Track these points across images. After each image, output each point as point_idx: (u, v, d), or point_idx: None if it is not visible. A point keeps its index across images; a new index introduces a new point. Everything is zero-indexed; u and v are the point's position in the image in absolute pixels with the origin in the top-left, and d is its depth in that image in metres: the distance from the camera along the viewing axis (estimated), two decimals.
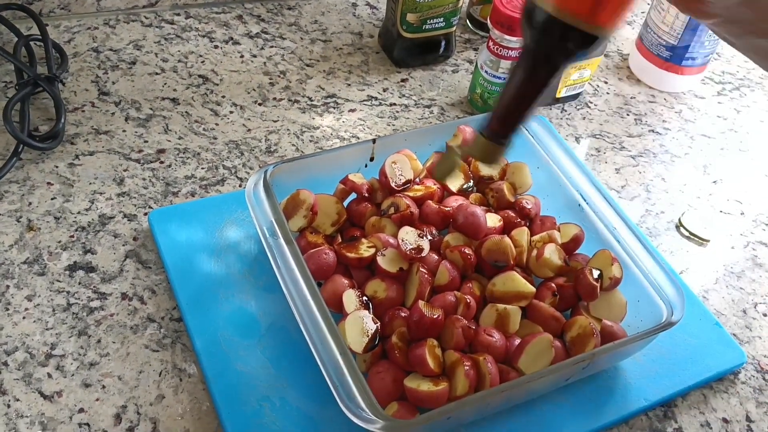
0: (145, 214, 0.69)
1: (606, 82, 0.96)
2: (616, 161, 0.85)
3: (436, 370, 0.57)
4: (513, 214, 0.68)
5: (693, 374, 0.65)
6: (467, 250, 0.63)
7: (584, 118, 0.90)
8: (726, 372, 0.66)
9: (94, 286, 0.64)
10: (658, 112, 0.93)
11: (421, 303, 0.59)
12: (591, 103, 0.92)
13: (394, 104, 0.86)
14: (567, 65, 0.48)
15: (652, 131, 0.90)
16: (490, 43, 0.81)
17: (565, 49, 0.46)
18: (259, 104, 0.82)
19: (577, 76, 0.87)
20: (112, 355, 0.60)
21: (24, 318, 0.61)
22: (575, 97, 0.91)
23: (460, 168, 0.56)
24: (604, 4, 0.44)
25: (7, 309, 0.61)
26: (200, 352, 0.60)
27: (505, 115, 0.50)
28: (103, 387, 0.58)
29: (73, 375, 0.58)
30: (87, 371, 0.58)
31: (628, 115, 0.91)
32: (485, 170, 0.71)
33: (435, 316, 0.58)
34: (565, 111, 0.90)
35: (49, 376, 0.58)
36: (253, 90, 0.84)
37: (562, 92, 0.88)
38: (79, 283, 0.64)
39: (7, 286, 0.62)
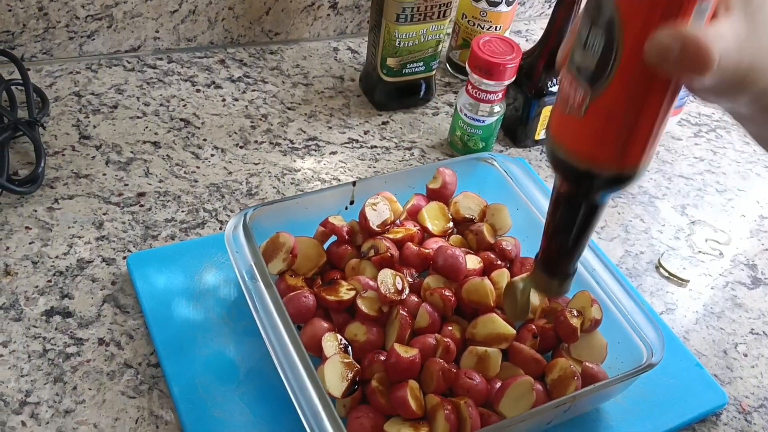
0: (124, 258, 0.69)
1: None
2: None
3: (418, 412, 0.56)
4: (493, 256, 0.68)
5: (675, 416, 0.65)
6: (447, 292, 0.63)
7: None
8: (708, 413, 0.66)
9: (70, 332, 0.63)
10: None
11: (396, 345, 0.58)
12: None
13: (375, 146, 0.87)
14: (605, 204, 0.45)
15: None
16: (469, 87, 0.82)
17: (597, 192, 0.44)
18: (241, 147, 0.83)
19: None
20: (88, 402, 0.59)
21: None
22: None
23: (529, 304, 0.54)
24: (631, 148, 0.41)
25: None
26: (177, 398, 0.59)
27: (556, 255, 0.48)
28: None
29: (47, 423, 0.57)
30: (62, 419, 0.57)
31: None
32: (465, 212, 0.71)
33: (411, 357, 0.57)
34: (545, 153, 0.91)
35: (23, 424, 0.57)
36: (235, 133, 0.84)
37: (541, 134, 0.89)
38: (56, 329, 0.63)
39: None
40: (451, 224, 0.71)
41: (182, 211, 0.74)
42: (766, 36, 0.41)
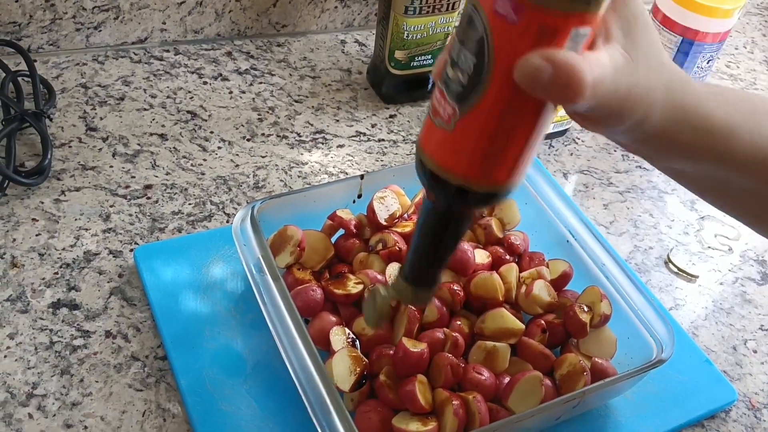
0: (131, 250, 0.69)
1: None
2: (604, 197, 0.85)
3: (426, 407, 0.56)
4: (501, 250, 0.68)
5: (684, 412, 0.64)
6: (456, 287, 0.63)
7: (572, 154, 0.90)
8: (717, 410, 0.66)
9: (77, 324, 0.63)
10: None
11: (404, 339, 0.58)
12: (578, 138, 0.93)
13: (383, 140, 0.86)
14: (472, 218, 0.45)
15: (640, 167, 0.90)
16: None
17: (465, 206, 0.42)
18: (248, 140, 0.82)
19: (564, 112, 0.87)
20: (95, 394, 0.58)
21: (5, 357, 0.60)
22: (562, 133, 0.92)
23: (389, 312, 0.51)
24: (500, 166, 0.39)
25: None
26: (185, 391, 0.59)
27: (420, 266, 0.47)
28: (86, 428, 0.56)
29: (54, 415, 0.57)
30: (69, 411, 0.57)
31: (615, 150, 0.92)
32: None
33: (419, 351, 0.57)
34: (553, 147, 0.91)
35: (30, 416, 0.57)
36: (242, 126, 0.84)
37: (549, 128, 0.89)
38: (63, 321, 0.63)
39: None
40: None
41: (189, 204, 0.74)
42: (645, 69, 0.40)
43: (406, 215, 0.68)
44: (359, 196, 0.69)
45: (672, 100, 0.43)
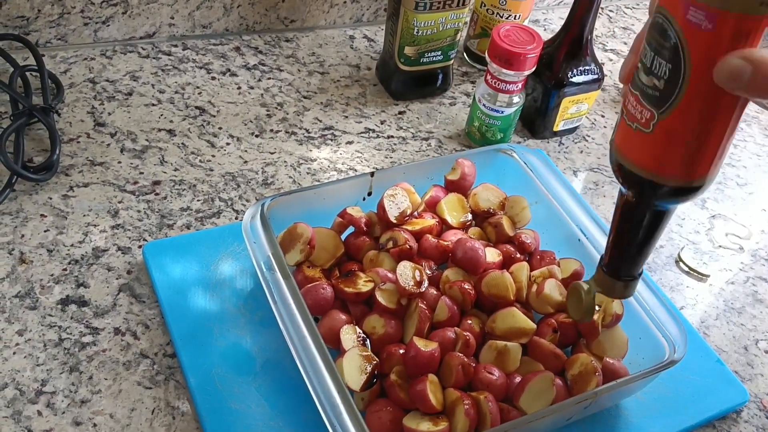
0: (140, 246, 0.68)
1: (603, 116, 0.96)
2: (615, 195, 0.85)
3: (437, 407, 0.55)
4: (512, 249, 0.67)
5: (695, 413, 0.64)
6: (467, 286, 0.62)
7: (582, 152, 0.90)
8: (728, 411, 0.65)
9: (86, 321, 0.62)
10: None
11: (416, 338, 0.58)
12: (588, 136, 0.92)
13: (392, 137, 0.86)
14: (674, 208, 0.47)
15: None
16: (488, 77, 0.81)
17: (667, 201, 0.46)
18: (256, 136, 0.82)
19: (574, 109, 0.87)
20: (104, 392, 0.58)
21: (14, 353, 0.59)
22: (573, 130, 0.91)
23: (594, 305, 0.54)
24: (699, 163, 0.43)
25: None
26: (194, 389, 0.58)
27: (622, 258, 0.50)
28: (95, 425, 0.56)
29: (63, 413, 0.57)
30: (78, 409, 0.57)
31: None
32: (484, 204, 0.70)
33: (430, 351, 0.57)
34: (563, 144, 0.90)
35: (39, 413, 0.56)
36: (250, 122, 0.84)
37: (559, 126, 0.88)
38: (72, 318, 0.62)
39: None
40: (469, 216, 0.70)
41: (198, 200, 0.74)
42: None
43: (416, 213, 0.68)
44: (369, 194, 0.68)
45: None
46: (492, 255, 0.66)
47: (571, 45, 0.83)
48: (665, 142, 0.42)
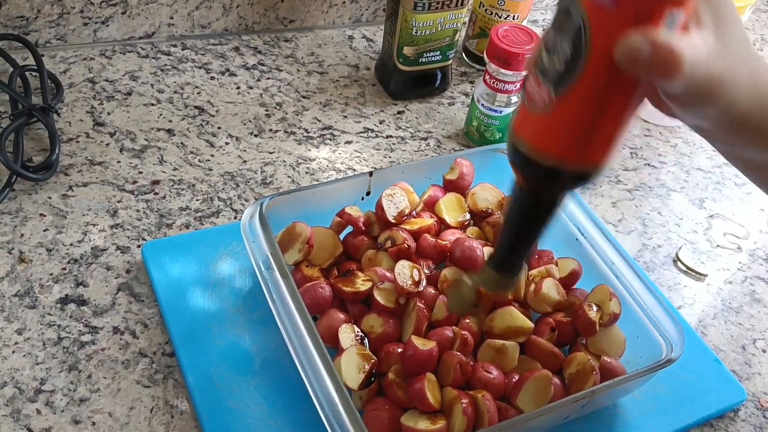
0: (139, 246, 0.69)
1: None
2: (613, 195, 0.85)
3: (435, 406, 0.56)
4: None
5: (693, 412, 0.64)
6: None
7: None
8: (726, 410, 0.66)
9: (85, 320, 0.62)
10: (653, 145, 0.93)
11: (414, 337, 0.58)
12: None
13: (391, 136, 0.86)
14: (564, 200, 0.46)
15: (648, 165, 0.90)
16: (487, 77, 0.81)
17: (558, 189, 0.44)
18: (255, 135, 0.82)
19: None
20: (103, 390, 0.58)
21: (14, 352, 0.59)
22: None
23: (474, 300, 0.54)
24: (595, 147, 0.41)
25: None
26: (193, 388, 0.58)
27: (508, 251, 0.48)
28: (93, 424, 0.56)
29: (62, 411, 0.57)
30: (77, 407, 0.57)
31: (623, 148, 0.92)
32: (482, 204, 0.70)
33: (428, 349, 0.57)
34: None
35: (38, 412, 0.56)
36: (249, 121, 0.84)
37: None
38: (71, 317, 0.62)
39: None
40: (468, 216, 0.70)
41: (197, 200, 0.74)
42: (735, 53, 0.43)
43: (414, 213, 0.68)
44: (368, 194, 0.69)
45: (757, 86, 0.44)
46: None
47: None
48: (561, 124, 0.41)
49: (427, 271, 0.63)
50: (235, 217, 0.73)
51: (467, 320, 0.61)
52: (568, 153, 0.41)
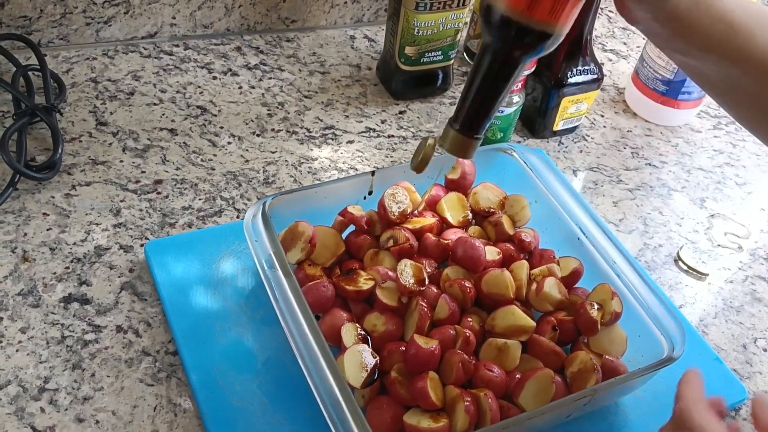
0: (142, 245, 0.69)
1: (602, 116, 0.96)
2: (614, 194, 0.85)
3: (438, 404, 0.56)
4: (512, 247, 0.68)
5: None
6: (467, 284, 0.62)
7: (581, 151, 0.90)
8: (727, 408, 0.66)
9: (88, 319, 0.63)
10: (654, 145, 0.93)
11: (416, 336, 0.58)
12: (588, 136, 0.92)
13: (392, 136, 0.86)
14: (525, 62, 0.50)
15: (649, 164, 0.90)
16: None
17: (519, 46, 0.49)
18: (258, 135, 0.82)
19: (573, 109, 0.87)
20: (107, 389, 0.59)
21: (17, 351, 0.60)
22: (572, 130, 0.91)
23: (430, 158, 0.58)
24: (561, 9, 0.47)
25: (0, 342, 0.60)
26: (196, 386, 0.59)
27: (471, 111, 0.52)
28: (97, 422, 0.57)
29: (66, 409, 0.57)
30: (81, 406, 0.57)
31: (624, 148, 0.92)
32: (484, 203, 0.70)
33: (431, 348, 0.57)
34: (563, 144, 0.90)
35: (42, 410, 0.57)
36: (252, 121, 0.84)
37: (559, 125, 0.89)
38: (74, 316, 0.63)
39: (1, 318, 0.61)
40: (470, 215, 0.70)
41: (199, 199, 0.74)
42: None
43: (416, 212, 0.68)
44: (370, 193, 0.69)
45: None
46: (492, 253, 0.66)
47: (571, 45, 0.83)
48: None
49: (429, 270, 0.63)
50: (237, 217, 0.73)
51: (469, 319, 0.61)
52: (539, 13, 0.47)
